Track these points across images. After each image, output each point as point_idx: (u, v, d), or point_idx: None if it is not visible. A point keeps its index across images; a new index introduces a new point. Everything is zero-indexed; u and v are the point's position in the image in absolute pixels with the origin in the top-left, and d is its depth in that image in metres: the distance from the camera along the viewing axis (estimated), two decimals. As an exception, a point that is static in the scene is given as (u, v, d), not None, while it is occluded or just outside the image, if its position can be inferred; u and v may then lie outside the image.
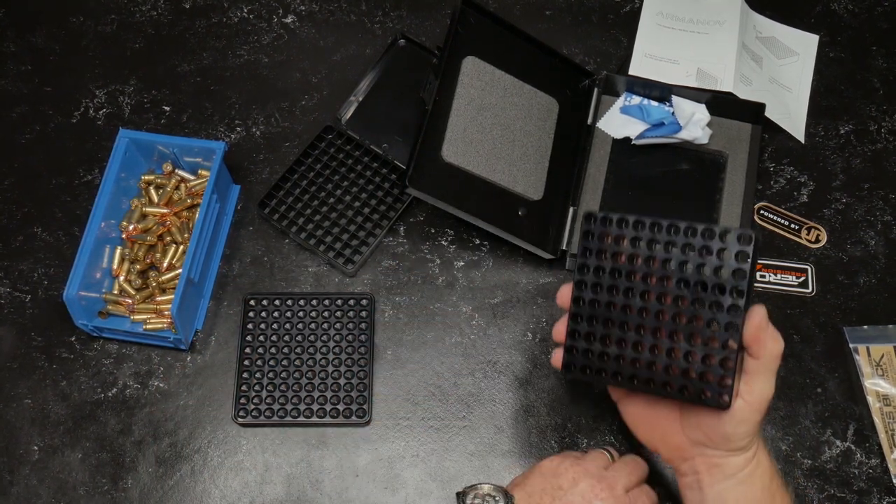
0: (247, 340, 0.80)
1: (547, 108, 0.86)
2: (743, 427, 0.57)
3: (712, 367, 0.56)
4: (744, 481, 0.59)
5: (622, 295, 0.58)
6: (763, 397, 0.57)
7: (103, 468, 0.76)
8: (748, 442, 0.59)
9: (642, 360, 0.57)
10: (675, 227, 0.57)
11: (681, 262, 0.57)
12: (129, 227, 0.83)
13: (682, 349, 0.56)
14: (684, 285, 0.57)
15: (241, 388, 0.78)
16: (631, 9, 0.97)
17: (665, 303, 0.57)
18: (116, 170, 0.81)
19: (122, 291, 0.81)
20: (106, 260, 0.82)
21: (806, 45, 0.96)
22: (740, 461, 0.59)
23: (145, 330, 0.79)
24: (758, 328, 0.56)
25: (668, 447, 0.63)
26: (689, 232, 0.57)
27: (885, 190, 0.87)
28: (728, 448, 0.59)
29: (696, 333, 0.56)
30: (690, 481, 0.62)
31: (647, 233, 0.58)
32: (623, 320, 0.58)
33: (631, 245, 0.58)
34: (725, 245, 0.56)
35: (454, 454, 0.76)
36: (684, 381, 0.56)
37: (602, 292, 0.58)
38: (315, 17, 0.97)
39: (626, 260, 0.58)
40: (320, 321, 0.80)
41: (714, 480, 0.60)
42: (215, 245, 0.84)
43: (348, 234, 0.84)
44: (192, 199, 0.84)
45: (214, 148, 0.81)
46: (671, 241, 0.57)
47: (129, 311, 0.81)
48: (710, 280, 0.56)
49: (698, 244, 0.56)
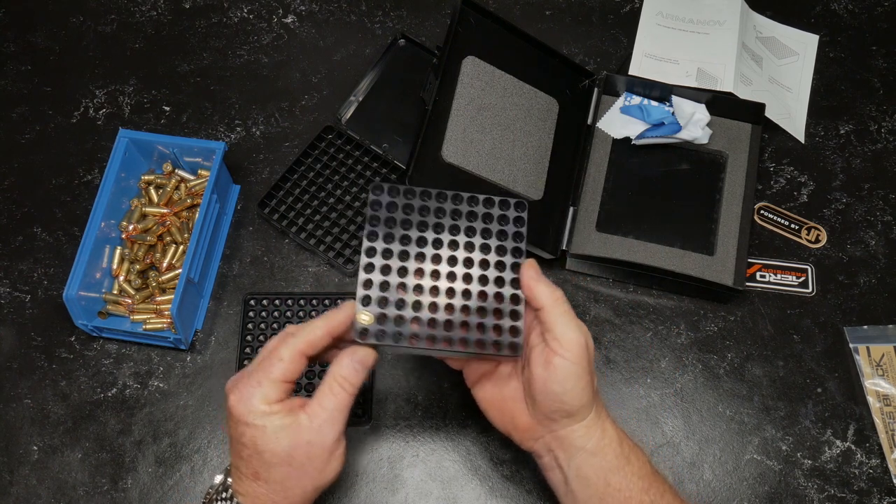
0: (247, 340, 0.80)
1: (547, 108, 0.86)
2: (569, 383, 0.58)
3: (503, 319, 0.60)
4: (595, 452, 0.60)
5: (414, 260, 0.60)
6: (574, 343, 0.58)
7: (103, 468, 0.76)
8: (582, 403, 0.59)
9: (439, 321, 0.59)
10: (459, 197, 0.62)
11: (467, 227, 0.62)
12: (129, 227, 0.83)
13: (473, 306, 0.60)
14: (471, 249, 0.61)
15: None
16: (631, 9, 0.97)
17: (455, 266, 0.61)
18: (116, 170, 0.81)
19: (122, 291, 0.81)
20: (106, 260, 0.82)
21: (806, 45, 0.96)
22: (583, 429, 0.60)
23: (145, 330, 0.79)
24: (529, 278, 0.59)
25: (518, 429, 0.63)
26: (472, 201, 0.62)
27: (885, 190, 0.87)
28: (565, 413, 0.59)
29: (484, 292, 0.60)
30: (548, 461, 0.62)
31: (433, 202, 0.62)
32: (418, 284, 0.60)
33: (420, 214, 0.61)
34: (506, 213, 0.62)
35: (454, 454, 0.76)
36: (480, 335, 0.59)
37: (393, 258, 0.60)
38: (315, 17, 0.97)
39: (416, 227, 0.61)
40: None
41: (568, 455, 0.60)
42: (215, 245, 0.84)
43: (348, 234, 0.84)
44: (192, 199, 0.84)
45: (214, 148, 0.81)
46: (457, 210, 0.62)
47: (129, 311, 0.81)
48: (493, 243, 0.61)
49: (481, 212, 0.62)
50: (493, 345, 0.59)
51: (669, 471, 0.76)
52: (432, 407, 0.78)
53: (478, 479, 0.75)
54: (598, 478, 0.60)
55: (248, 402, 0.56)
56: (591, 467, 0.60)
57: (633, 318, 0.82)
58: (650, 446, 0.77)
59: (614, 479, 0.60)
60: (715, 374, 0.80)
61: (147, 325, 0.80)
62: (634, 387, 0.79)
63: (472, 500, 0.74)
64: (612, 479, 0.60)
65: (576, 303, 0.82)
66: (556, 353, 0.58)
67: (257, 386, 0.57)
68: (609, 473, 0.60)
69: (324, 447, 0.57)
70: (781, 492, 0.75)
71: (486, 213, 0.62)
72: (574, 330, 0.58)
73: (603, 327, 0.82)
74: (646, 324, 0.82)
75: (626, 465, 0.60)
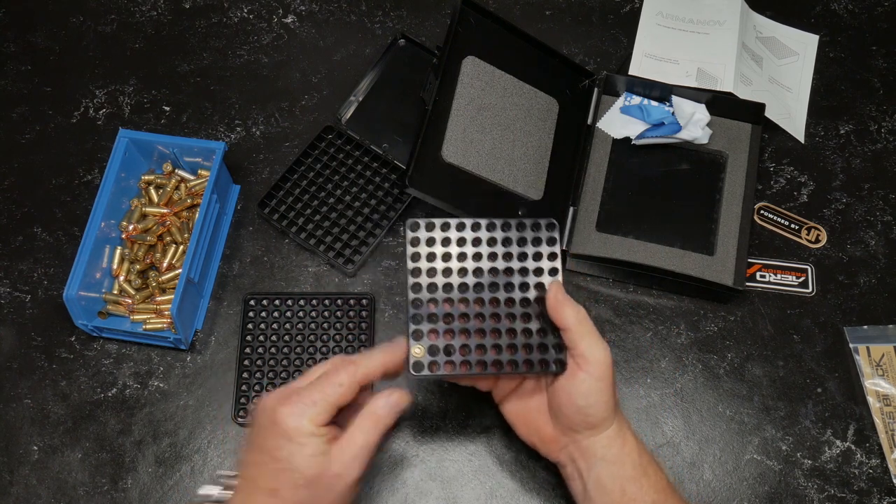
0: (247, 340, 0.80)
1: (547, 108, 0.86)
2: (593, 397, 0.61)
3: (548, 337, 0.62)
4: (614, 461, 0.62)
5: (457, 290, 0.62)
6: (597, 360, 0.60)
7: (103, 468, 0.76)
8: (604, 416, 0.62)
9: (487, 346, 0.62)
10: (493, 224, 0.64)
11: (504, 254, 0.64)
12: (128, 227, 0.83)
13: (519, 328, 0.62)
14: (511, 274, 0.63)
15: (241, 388, 0.78)
16: (631, 9, 0.97)
17: (497, 292, 0.63)
18: (116, 170, 0.81)
19: (122, 291, 0.81)
20: (106, 260, 0.82)
21: (806, 45, 0.96)
22: (605, 440, 0.62)
23: (145, 330, 0.79)
24: (556, 300, 0.62)
25: (543, 440, 0.66)
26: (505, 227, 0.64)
27: (885, 190, 0.87)
28: (589, 425, 0.62)
29: (529, 314, 0.63)
30: (571, 472, 0.65)
31: (469, 232, 0.64)
32: (463, 313, 0.62)
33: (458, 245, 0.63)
34: (539, 234, 0.64)
35: (454, 454, 0.76)
36: (527, 355, 0.62)
37: (438, 291, 0.62)
38: (315, 17, 0.97)
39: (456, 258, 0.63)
40: (321, 321, 0.80)
41: (589, 465, 0.62)
42: (215, 245, 0.84)
43: (348, 235, 0.84)
44: (192, 199, 0.84)
45: (214, 148, 0.81)
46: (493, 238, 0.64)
47: (129, 311, 0.81)
48: (530, 265, 0.63)
49: (516, 237, 0.64)
50: (541, 363, 0.62)
51: (669, 471, 0.76)
52: (432, 407, 0.78)
53: (478, 479, 0.75)
54: (615, 486, 0.62)
55: (300, 418, 0.56)
56: (609, 476, 0.62)
57: (633, 318, 0.82)
58: (650, 446, 0.77)
59: (630, 488, 0.62)
60: (715, 374, 0.80)
61: (147, 325, 0.80)
62: (634, 387, 0.79)
63: (472, 500, 0.74)
64: (628, 489, 0.62)
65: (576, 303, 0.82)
66: (582, 370, 0.61)
67: (312, 405, 0.57)
68: (626, 483, 0.62)
69: (348, 482, 0.58)
70: (781, 492, 0.75)
71: (520, 238, 0.64)
72: (599, 348, 0.61)
73: (603, 327, 0.81)
74: (646, 324, 0.82)
75: (643, 476, 0.62)
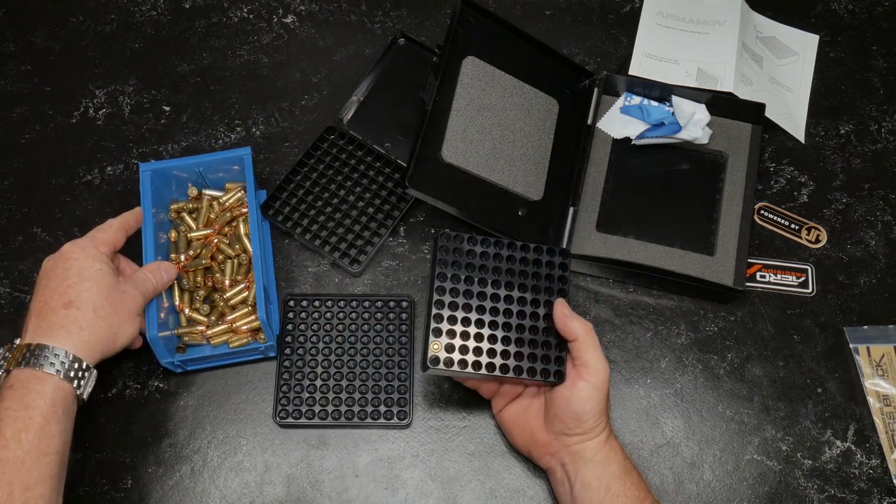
0: (286, 341, 0.79)
1: (547, 108, 0.86)
2: (589, 405, 0.67)
3: (552, 351, 0.69)
4: (602, 462, 0.67)
5: (476, 298, 0.70)
6: (598, 371, 0.67)
7: (103, 468, 0.76)
8: (596, 423, 0.67)
9: (498, 351, 0.69)
10: (514, 244, 0.71)
11: (520, 271, 0.71)
12: (181, 258, 0.81)
13: (526, 339, 0.69)
14: (525, 290, 0.71)
15: (281, 388, 0.77)
16: (631, 9, 0.97)
17: (511, 304, 0.70)
18: (150, 207, 0.78)
19: (191, 321, 0.80)
20: (166, 298, 0.78)
21: (806, 45, 0.96)
22: (595, 445, 0.68)
23: (232, 348, 0.78)
24: (563, 315, 0.68)
25: (537, 446, 0.71)
26: (524, 248, 0.71)
27: (885, 190, 0.88)
28: (582, 431, 0.67)
29: (537, 328, 0.70)
30: (560, 476, 0.70)
31: (492, 248, 0.71)
32: (479, 319, 0.69)
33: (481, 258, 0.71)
34: (552, 259, 0.72)
35: (454, 454, 0.76)
36: (531, 364, 0.69)
37: (459, 296, 0.69)
38: (315, 17, 0.97)
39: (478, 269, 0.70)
40: (360, 322, 0.80)
41: (577, 468, 0.68)
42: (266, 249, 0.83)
43: (353, 234, 0.84)
44: (230, 213, 0.83)
45: (242, 154, 0.80)
46: (512, 256, 0.71)
47: (205, 339, 0.79)
48: (542, 285, 0.71)
49: (532, 258, 0.72)
50: (543, 372, 0.69)
51: (669, 471, 0.76)
52: (432, 407, 0.78)
53: (478, 479, 0.75)
54: (601, 484, 0.67)
55: (84, 246, 0.70)
56: (594, 475, 0.67)
57: (633, 319, 0.82)
58: (650, 446, 0.77)
59: (614, 485, 0.67)
60: (715, 374, 0.80)
61: (233, 343, 0.78)
62: (634, 387, 0.79)
63: (472, 500, 0.74)
64: (612, 486, 0.67)
65: (576, 303, 0.82)
66: (583, 378, 0.67)
67: (91, 239, 0.72)
68: (611, 480, 0.67)
69: (132, 304, 0.70)
70: (781, 492, 0.75)
71: (535, 259, 0.72)
72: (601, 360, 0.67)
73: (603, 327, 0.82)
74: (646, 324, 0.82)
75: (627, 476, 0.68)
